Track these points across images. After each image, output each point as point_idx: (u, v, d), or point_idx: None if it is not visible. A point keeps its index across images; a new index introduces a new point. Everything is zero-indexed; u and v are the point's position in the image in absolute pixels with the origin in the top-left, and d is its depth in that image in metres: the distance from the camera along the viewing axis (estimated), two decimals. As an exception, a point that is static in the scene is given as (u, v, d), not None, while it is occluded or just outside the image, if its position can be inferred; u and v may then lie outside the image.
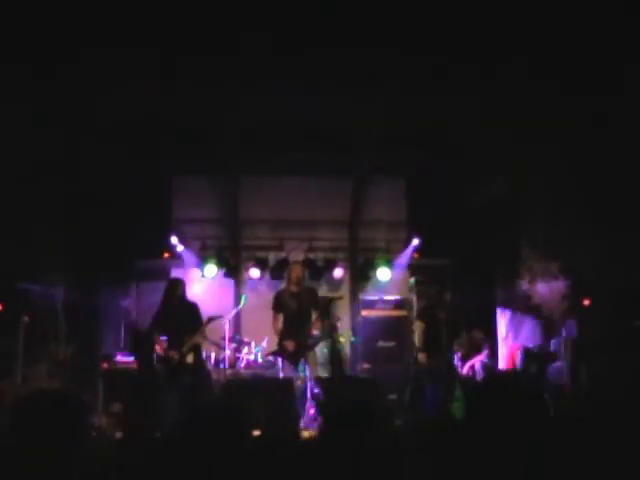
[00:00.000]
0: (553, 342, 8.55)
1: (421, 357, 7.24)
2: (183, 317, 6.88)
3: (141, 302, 9.15)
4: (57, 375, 7.83)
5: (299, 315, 6.96)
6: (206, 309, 7.39)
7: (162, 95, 7.00)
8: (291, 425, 6.21)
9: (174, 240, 9.51)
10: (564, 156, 7.41)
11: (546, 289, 8.60)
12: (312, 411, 6.83)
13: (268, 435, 4.18)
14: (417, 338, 7.46)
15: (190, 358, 6.89)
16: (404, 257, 9.93)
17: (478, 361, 8.59)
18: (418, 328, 7.45)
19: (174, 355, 6.72)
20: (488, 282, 9.36)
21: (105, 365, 8.18)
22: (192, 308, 7.01)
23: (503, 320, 9.38)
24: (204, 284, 9.70)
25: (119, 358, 8.19)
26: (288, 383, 6.74)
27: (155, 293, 8.60)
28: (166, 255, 9.60)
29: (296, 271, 7.18)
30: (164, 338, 7.01)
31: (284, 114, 7.69)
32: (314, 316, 7.04)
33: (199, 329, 6.86)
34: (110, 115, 7.25)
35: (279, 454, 2.97)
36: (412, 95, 6.81)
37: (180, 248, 9.57)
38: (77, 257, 8.39)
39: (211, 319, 7.07)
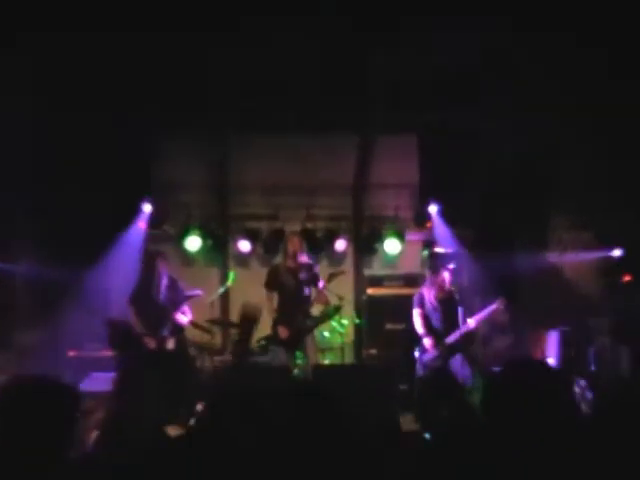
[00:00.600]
0: (591, 322, 8.55)
1: (427, 342, 7.29)
2: (163, 296, 6.79)
3: (113, 279, 9.09)
4: (17, 364, 7.81)
5: (296, 294, 6.91)
6: (188, 288, 7.37)
7: (136, 38, 6.85)
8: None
9: (151, 208, 9.45)
10: (597, 117, 7.36)
11: (579, 262, 8.52)
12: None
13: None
14: (417, 325, 7.49)
15: (171, 344, 6.81)
16: (416, 226, 9.92)
17: (504, 344, 8.63)
18: (415, 315, 7.51)
19: (150, 342, 6.64)
20: (512, 253, 9.28)
21: (72, 353, 8.13)
22: (173, 285, 6.93)
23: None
24: (186, 259, 9.67)
25: (89, 345, 8.15)
26: (283, 372, 6.72)
27: (129, 269, 8.72)
28: (142, 225, 9.51)
29: (293, 243, 7.10)
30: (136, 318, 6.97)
31: (280, 62, 7.61)
32: (314, 295, 7.00)
33: (179, 309, 6.76)
34: (78, 62, 7.16)
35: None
36: (430, 35, 6.78)
37: (158, 217, 9.52)
38: (42, 227, 8.31)
39: (188, 297, 7.08)
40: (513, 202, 8.97)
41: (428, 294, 7.58)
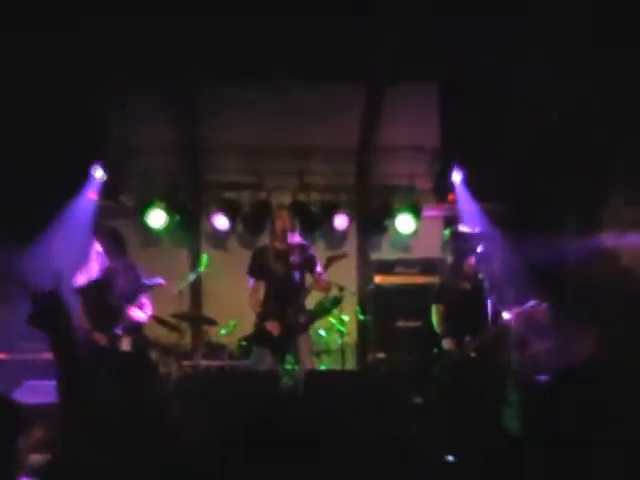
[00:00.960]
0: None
1: (447, 344, 7.28)
2: (118, 284, 6.72)
3: (53, 261, 8.95)
4: None
5: (287, 282, 6.83)
6: (148, 275, 7.28)
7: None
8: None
9: (103, 174, 9.45)
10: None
11: None
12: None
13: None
14: (437, 324, 7.55)
15: (126, 343, 6.76)
16: (435, 199, 10.00)
17: (545, 349, 8.47)
18: (434, 311, 7.58)
19: (100, 339, 6.58)
20: (556, 235, 9.21)
21: (1, 356, 8.13)
22: (131, 271, 6.86)
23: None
24: (148, 238, 9.70)
25: (23, 345, 8.04)
26: (271, 379, 6.65)
27: (73, 248, 8.60)
28: (91, 195, 9.50)
29: (282, 220, 7.04)
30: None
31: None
32: (309, 283, 6.92)
33: (136, 300, 6.76)
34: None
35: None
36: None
37: (111, 186, 9.56)
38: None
39: (148, 287, 7.03)
40: (559, 169, 8.90)
41: (450, 285, 7.48)
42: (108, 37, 8.30)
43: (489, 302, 7.32)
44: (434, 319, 7.51)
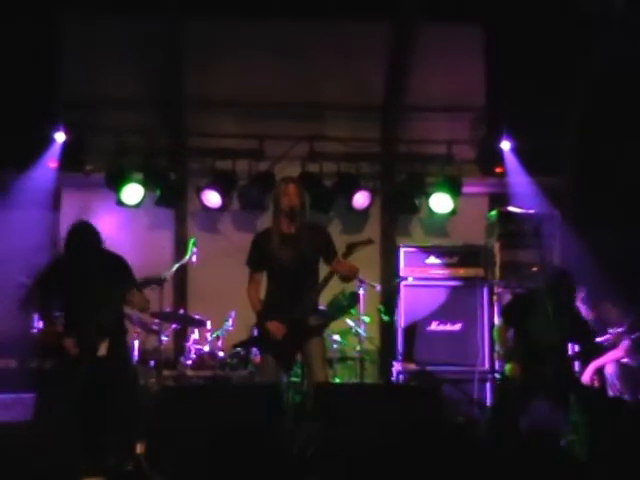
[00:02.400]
0: None
1: (510, 369, 7.36)
2: (94, 282, 6.71)
3: (7, 245, 9.06)
4: None
5: (296, 274, 6.70)
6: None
7: None
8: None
9: (63, 137, 9.48)
10: None
11: None
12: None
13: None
14: (498, 343, 7.64)
15: (103, 349, 6.74)
16: (479, 172, 10.08)
17: (612, 361, 8.55)
18: (498, 330, 7.63)
19: (72, 345, 6.56)
20: (631, 219, 9.22)
21: None
22: (115, 265, 6.84)
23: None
24: (119, 218, 9.68)
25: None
26: (274, 395, 6.49)
27: (34, 229, 8.88)
28: (52, 164, 9.54)
29: (289, 196, 6.89)
30: (57, 315, 6.88)
31: None
32: (323, 275, 6.77)
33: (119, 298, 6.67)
34: None
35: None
36: None
37: (76, 152, 9.58)
38: None
39: (146, 283, 6.91)
40: (634, 136, 8.83)
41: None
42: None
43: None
44: (496, 336, 7.64)
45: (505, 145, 9.76)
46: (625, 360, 8.60)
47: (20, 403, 7.41)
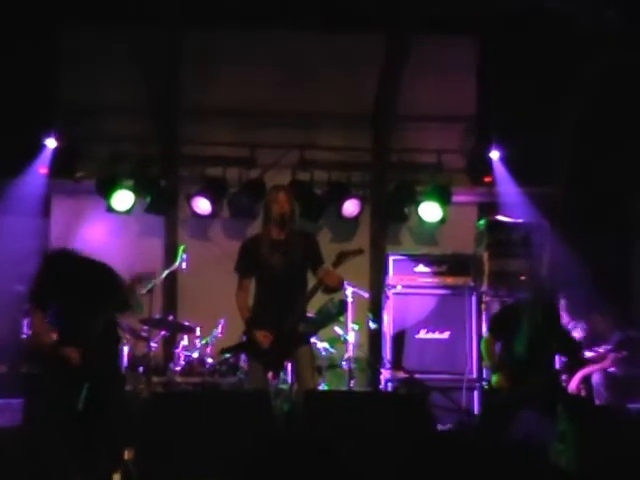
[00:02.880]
0: None
1: (498, 381, 7.36)
2: (88, 294, 6.67)
3: None
4: None
5: (285, 281, 6.70)
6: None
7: None
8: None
9: (55, 144, 9.46)
10: None
11: None
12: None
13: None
14: (486, 355, 7.61)
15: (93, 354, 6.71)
16: (469, 181, 10.03)
17: (598, 371, 8.58)
18: (486, 342, 7.63)
19: (72, 354, 6.52)
20: (621, 229, 9.25)
21: None
22: (101, 274, 6.78)
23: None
24: (110, 225, 9.70)
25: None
26: (262, 402, 6.48)
27: (24, 237, 8.89)
28: (42, 171, 9.51)
29: (279, 203, 6.91)
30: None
31: None
32: (311, 283, 6.76)
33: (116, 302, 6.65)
34: None
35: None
36: None
37: (66, 159, 9.54)
38: None
39: (140, 278, 6.88)
40: (625, 144, 8.83)
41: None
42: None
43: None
44: (483, 348, 7.62)
45: (494, 155, 9.75)
46: (611, 370, 8.61)
47: (8, 408, 7.36)
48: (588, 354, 8.50)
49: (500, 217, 9.31)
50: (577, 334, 7.82)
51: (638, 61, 8.58)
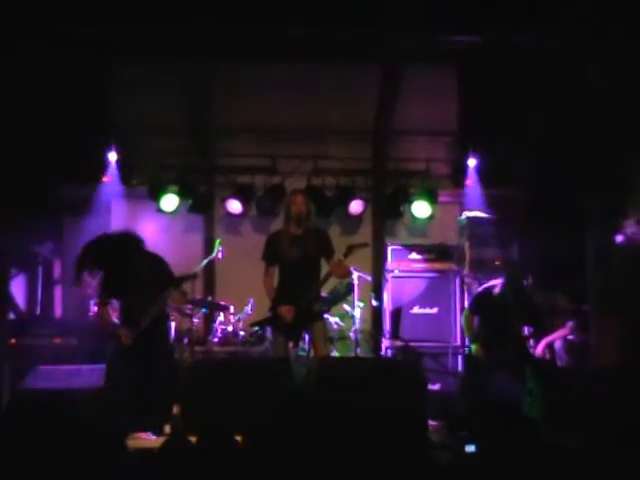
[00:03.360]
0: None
1: (476, 349, 7.42)
2: (142, 280, 6.67)
3: (67, 247, 9.10)
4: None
5: (302, 268, 6.74)
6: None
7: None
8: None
9: (114, 157, 9.49)
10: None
11: None
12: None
13: (254, 442, 4.08)
14: (465, 328, 7.68)
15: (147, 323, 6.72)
16: (453, 184, 9.96)
17: (559, 338, 8.56)
18: (465, 317, 7.67)
19: (126, 336, 6.54)
20: (577, 224, 9.14)
21: (14, 340, 8.07)
22: (156, 265, 6.77)
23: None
24: (159, 223, 9.62)
25: (36, 330, 8.11)
26: (284, 366, 6.60)
27: (86, 234, 8.65)
28: (104, 179, 9.55)
29: (297, 204, 6.90)
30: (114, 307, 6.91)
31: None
32: (327, 269, 6.83)
33: (163, 294, 6.65)
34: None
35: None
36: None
37: (124, 169, 9.57)
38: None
39: (183, 279, 6.94)
40: (578, 155, 8.79)
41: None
42: (119, 16, 8.25)
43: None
44: (464, 322, 7.64)
45: (473, 162, 9.70)
46: (570, 337, 8.58)
47: (79, 374, 7.28)
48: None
49: (478, 214, 9.25)
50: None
51: (590, 85, 8.52)
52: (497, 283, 7.51)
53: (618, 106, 8.29)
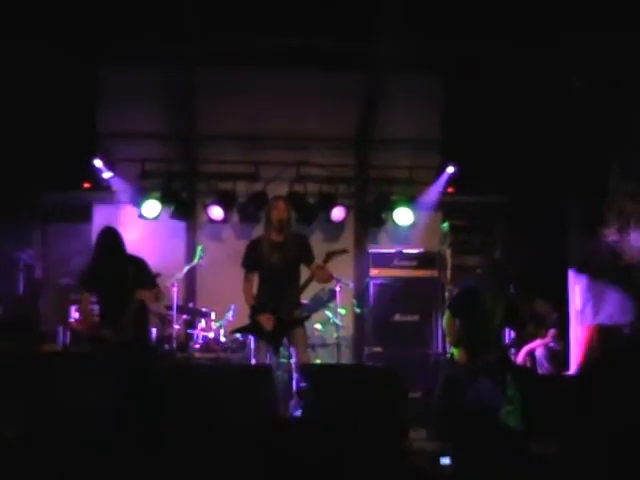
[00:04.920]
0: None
1: (458, 354, 7.20)
2: (122, 280, 6.63)
3: (49, 252, 9.13)
4: None
5: (283, 274, 6.70)
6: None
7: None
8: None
9: (98, 164, 9.45)
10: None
11: None
12: (298, 414, 6.66)
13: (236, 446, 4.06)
14: (447, 332, 7.47)
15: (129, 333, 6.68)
16: (435, 192, 9.92)
17: (540, 346, 8.60)
18: (447, 320, 7.45)
19: (110, 335, 6.49)
20: (557, 231, 9.18)
21: None
22: (137, 266, 6.74)
23: (578, 287, 9.19)
24: (142, 228, 9.62)
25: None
26: (264, 373, 6.49)
27: (70, 239, 8.66)
28: (86, 185, 9.59)
29: (279, 211, 6.86)
30: (93, 309, 6.94)
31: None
32: (304, 277, 6.78)
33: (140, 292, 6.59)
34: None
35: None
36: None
37: (107, 175, 9.55)
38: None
39: (156, 276, 6.80)
40: (562, 162, 8.84)
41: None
42: (100, 23, 8.28)
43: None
44: (445, 325, 7.45)
45: (455, 170, 9.69)
46: (551, 345, 8.61)
47: None
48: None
49: (459, 221, 9.26)
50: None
51: (568, 94, 8.58)
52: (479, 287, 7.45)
53: (598, 113, 8.34)
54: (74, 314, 8.37)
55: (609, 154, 8.66)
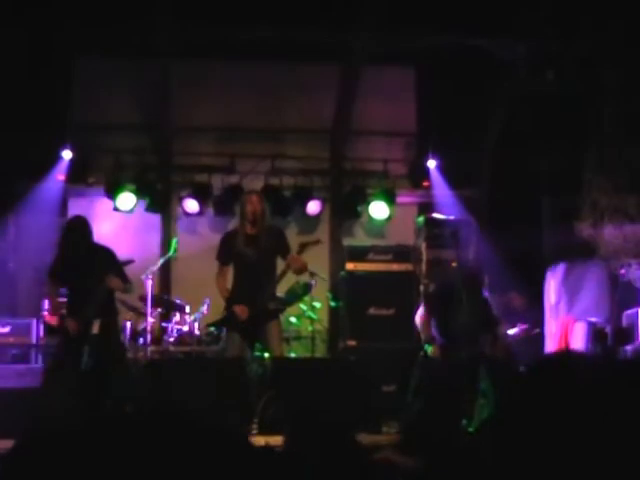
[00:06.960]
0: (627, 314, 8.44)
1: (432, 351, 7.27)
2: (89, 271, 6.58)
3: (20, 244, 9.04)
4: None
5: (258, 267, 6.72)
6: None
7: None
8: (242, 427, 6.02)
9: (70, 155, 9.35)
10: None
11: (619, 237, 8.47)
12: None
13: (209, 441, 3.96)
14: (421, 329, 7.49)
15: (96, 327, 6.62)
16: (410, 185, 10.00)
17: (515, 339, 8.54)
18: (421, 317, 7.52)
19: (73, 326, 6.45)
20: (532, 225, 9.23)
21: None
22: (104, 256, 6.70)
23: (553, 281, 9.15)
24: (116, 221, 9.58)
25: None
26: (239, 366, 6.63)
27: (42, 231, 8.63)
28: (60, 177, 9.43)
29: (253, 204, 6.90)
30: (62, 300, 6.93)
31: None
32: (280, 269, 6.82)
33: (105, 282, 6.53)
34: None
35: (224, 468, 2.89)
36: None
37: (80, 167, 9.47)
38: None
39: (125, 264, 6.86)
40: (537, 156, 8.88)
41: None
42: (71, 11, 8.17)
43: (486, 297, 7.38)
44: (418, 322, 7.49)
45: (431, 163, 9.71)
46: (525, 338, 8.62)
47: (31, 373, 7.25)
48: (512, 332, 8.49)
49: (435, 215, 9.26)
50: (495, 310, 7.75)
51: (543, 88, 8.59)
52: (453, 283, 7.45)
53: (573, 107, 8.39)
54: (46, 307, 8.31)
55: (583, 148, 8.73)
